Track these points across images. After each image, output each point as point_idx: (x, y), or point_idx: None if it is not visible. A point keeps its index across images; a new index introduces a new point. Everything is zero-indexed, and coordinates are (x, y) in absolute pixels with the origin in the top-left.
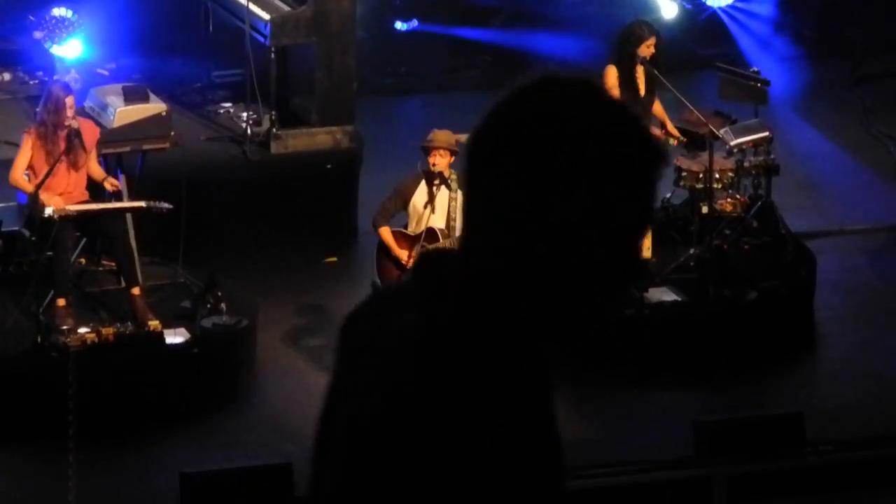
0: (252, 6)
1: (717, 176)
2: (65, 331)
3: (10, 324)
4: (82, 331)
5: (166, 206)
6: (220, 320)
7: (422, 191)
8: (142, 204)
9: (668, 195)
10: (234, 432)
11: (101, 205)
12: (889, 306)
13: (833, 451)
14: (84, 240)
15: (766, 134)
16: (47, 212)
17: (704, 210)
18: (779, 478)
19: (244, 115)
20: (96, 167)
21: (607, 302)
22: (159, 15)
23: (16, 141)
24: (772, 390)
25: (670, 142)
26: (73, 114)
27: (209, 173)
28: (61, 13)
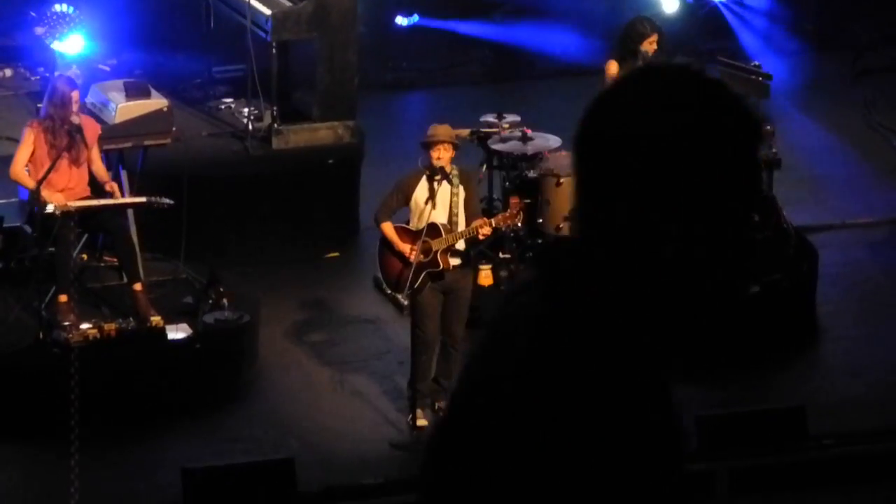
0: (253, 2)
1: None
2: (67, 327)
3: (12, 320)
4: (84, 327)
5: (168, 201)
6: (222, 316)
7: (423, 186)
8: (143, 199)
9: None
10: (236, 428)
11: (103, 201)
12: (890, 300)
13: (835, 444)
14: (86, 236)
15: (768, 128)
16: (49, 208)
17: None
18: (781, 471)
19: (245, 110)
20: (100, 165)
21: (728, 286)
22: (160, 10)
23: (17, 137)
24: (774, 384)
25: None
26: (77, 109)
27: (211, 169)
28: (62, 9)
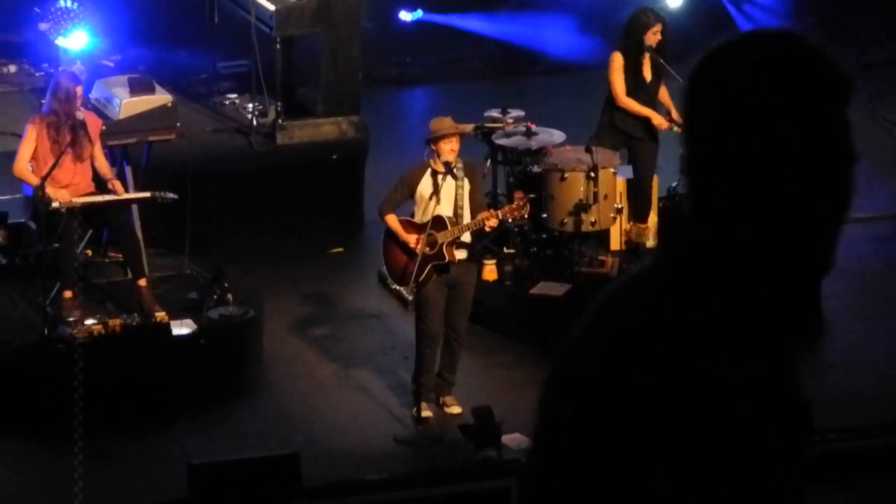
0: None
1: None
2: (71, 322)
3: (17, 316)
4: (89, 322)
5: (172, 196)
6: (227, 311)
7: (427, 180)
8: (147, 195)
9: (674, 184)
10: (241, 423)
11: (108, 197)
12: (894, 294)
13: (839, 439)
14: (90, 231)
15: None
16: (54, 204)
17: None
18: None
19: (250, 105)
20: (103, 160)
21: (827, 250)
22: (164, 6)
23: (21, 133)
24: None
25: (675, 129)
26: (80, 105)
27: (215, 164)
28: (66, 5)
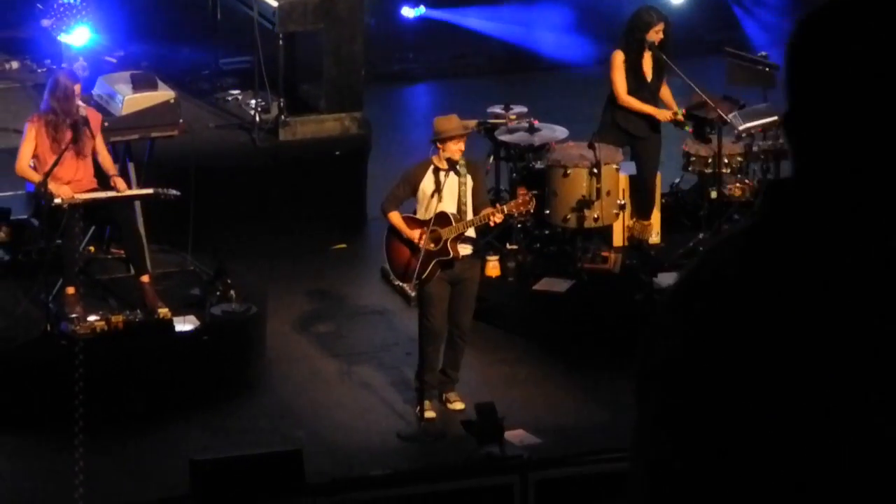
0: None
1: (726, 161)
2: (74, 319)
3: (20, 312)
4: (92, 319)
5: (175, 193)
6: (230, 307)
7: (430, 177)
8: (150, 191)
9: (676, 180)
10: (244, 419)
11: (110, 193)
12: None
13: None
14: (93, 228)
15: (776, 118)
16: (56, 201)
17: (713, 195)
18: None
19: (252, 102)
20: (106, 155)
21: None
22: (167, 2)
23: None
24: None
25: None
26: (79, 101)
27: (218, 160)
28: (69, 1)
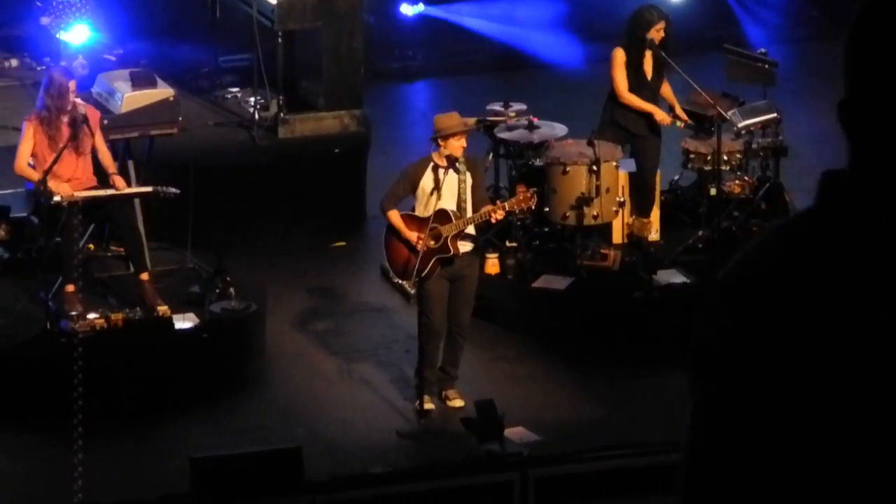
0: None
1: (726, 158)
2: (73, 317)
3: (19, 310)
4: (91, 316)
5: (174, 191)
6: (229, 305)
7: (429, 175)
8: (150, 189)
9: (676, 177)
10: (244, 417)
11: (110, 191)
12: None
13: None
14: (92, 226)
15: (775, 115)
16: (55, 199)
17: (713, 192)
18: None
19: (252, 99)
20: (105, 152)
21: None
22: (166, 0)
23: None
24: None
25: (677, 124)
26: (76, 98)
27: (217, 158)
28: None
